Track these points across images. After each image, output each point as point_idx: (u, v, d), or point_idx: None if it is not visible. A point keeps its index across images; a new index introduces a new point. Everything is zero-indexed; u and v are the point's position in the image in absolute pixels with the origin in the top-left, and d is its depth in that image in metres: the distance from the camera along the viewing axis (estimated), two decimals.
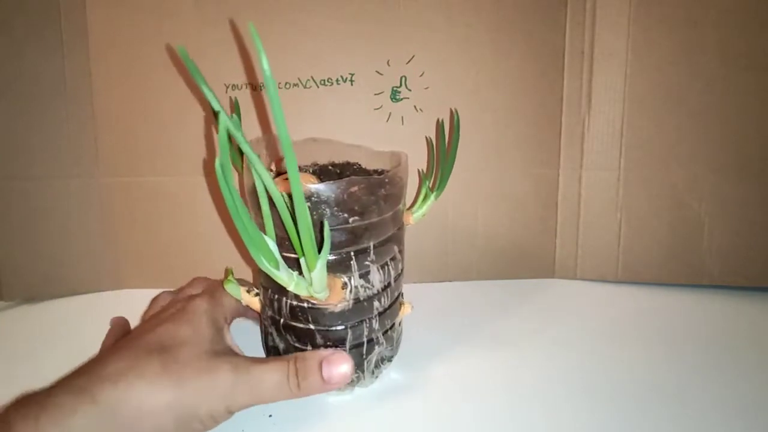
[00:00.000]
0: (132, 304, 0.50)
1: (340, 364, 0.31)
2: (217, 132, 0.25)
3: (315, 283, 0.30)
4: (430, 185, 0.41)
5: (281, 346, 0.36)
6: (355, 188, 0.32)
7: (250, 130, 0.47)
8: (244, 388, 0.30)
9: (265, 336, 0.37)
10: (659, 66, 0.47)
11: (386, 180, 0.34)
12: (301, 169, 0.40)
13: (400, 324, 0.39)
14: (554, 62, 0.49)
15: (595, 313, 0.47)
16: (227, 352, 0.32)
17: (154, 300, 0.40)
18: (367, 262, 0.33)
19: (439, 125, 0.42)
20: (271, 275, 0.30)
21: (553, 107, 0.50)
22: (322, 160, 0.41)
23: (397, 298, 0.37)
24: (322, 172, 0.40)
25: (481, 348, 0.41)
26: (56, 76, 0.47)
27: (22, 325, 0.47)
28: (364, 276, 0.34)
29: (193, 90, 0.47)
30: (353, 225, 0.32)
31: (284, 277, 0.30)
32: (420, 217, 0.41)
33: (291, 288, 0.31)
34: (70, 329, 0.45)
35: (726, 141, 0.48)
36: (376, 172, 0.39)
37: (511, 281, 0.52)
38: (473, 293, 0.51)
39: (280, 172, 0.39)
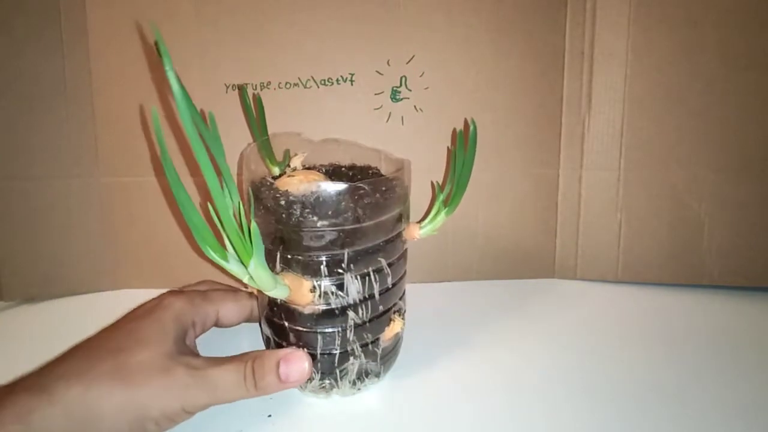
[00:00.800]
0: (132, 304, 0.50)
1: (298, 363, 0.32)
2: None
3: (256, 281, 0.30)
4: (444, 199, 0.38)
5: (268, 334, 0.36)
6: (325, 192, 0.31)
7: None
8: (199, 388, 0.30)
9: (260, 324, 0.38)
10: (659, 66, 0.47)
11: (365, 188, 0.32)
12: (313, 167, 0.40)
13: (395, 340, 0.37)
14: (554, 62, 0.49)
15: (595, 313, 0.47)
16: (186, 354, 0.32)
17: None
18: (339, 270, 0.32)
19: (457, 136, 0.39)
20: (224, 267, 0.29)
21: (553, 107, 0.50)
22: (345, 162, 0.41)
23: (385, 313, 0.35)
24: (334, 173, 0.39)
25: (480, 348, 0.41)
26: (56, 76, 0.47)
27: (22, 325, 0.47)
28: (337, 283, 0.32)
29: (192, 90, 0.47)
30: (321, 229, 0.31)
31: (236, 269, 0.29)
32: (429, 232, 0.38)
33: (245, 281, 0.30)
34: (70, 329, 0.45)
35: (726, 141, 0.48)
36: None
37: (511, 281, 0.52)
38: (473, 293, 0.51)
39: (308, 168, 0.39)
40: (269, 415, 0.34)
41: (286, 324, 0.34)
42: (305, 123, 0.48)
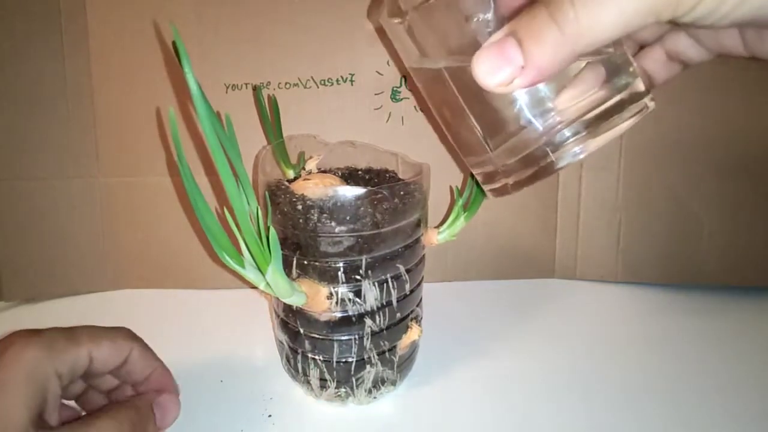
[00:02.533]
0: (132, 304, 0.50)
1: (172, 409, 0.29)
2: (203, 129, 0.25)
3: (273, 288, 0.29)
4: (464, 204, 0.38)
5: (282, 340, 0.36)
6: (343, 197, 0.30)
7: (253, 130, 0.47)
8: None
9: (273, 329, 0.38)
10: None
11: (383, 193, 0.32)
12: (329, 170, 0.40)
13: (411, 347, 0.36)
14: None
15: (595, 313, 0.47)
16: (45, 427, 0.25)
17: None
18: (357, 276, 0.32)
19: None
20: (240, 273, 0.29)
21: None
22: (362, 165, 0.41)
23: (402, 320, 0.35)
24: (351, 176, 0.39)
25: (480, 348, 0.41)
26: (57, 77, 0.47)
27: (22, 325, 0.46)
28: (354, 290, 0.32)
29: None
30: (339, 235, 0.31)
31: (252, 276, 0.29)
32: (447, 238, 0.38)
33: (261, 287, 0.30)
34: None
35: (725, 141, 0.48)
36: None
37: (511, 281, 0.52)
38: (473, 293, 0.51)
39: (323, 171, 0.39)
40: (269, 415, 0.34)
41: (302, 331, 0.33)
42: (305, 123, 0.48)
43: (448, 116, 0.29)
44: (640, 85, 0.24)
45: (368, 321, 0.33)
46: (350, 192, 0.31)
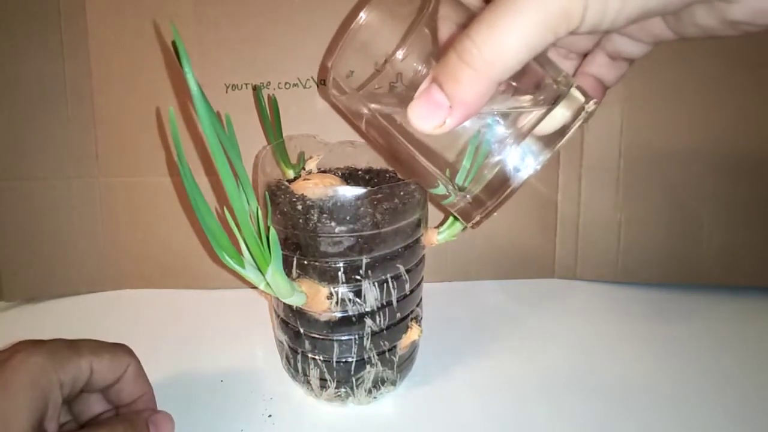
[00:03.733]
0: (132, 304, 0.50)
1: (166, 427, 0.29)
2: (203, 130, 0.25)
3: (273, 288, 0.30)
4: None
5: (283, 340, 0.36)
6: (343, 197, 0.30)
7: (253, 130, 0.47)
8: None
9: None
10: (659, 65, 0.47)
11: (383, 193, 0.31)
12: (328, 170, 0.40)
13: (411, 347, 0.36)
14: None
15: (594, 313, 0.47)
16: None
17: None
18: (357, 276, 0.32)
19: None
20: (240, 273, 0.29)
21: None
22: (362, 165, 0.41)
23: (402, 320, 0.35)
24: (350, 176, 0.39)
25: (479, 348, 0.41)
26: (57, 77, 0.47)
27: (22, 325, 0.47)
28: (355, 290, 0.32)
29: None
30: (338, 235, 0.31)
31: (252, 276, 0.29)
32: (447, 238, 0.38)
33: (261, 287, 0.30)
34: (70, 329, 0.45)
35: (725, 140, 0.48)
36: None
37: (510, 281, 0.52)
38: (472, 293, 0.51)
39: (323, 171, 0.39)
40: (269, 415, 0.34)
41: (302, 331, 0.33)
42: (305, 123, 0.48)
43: (409, 166, 0.30)
44: (576, 93, 0.26)
45: (368, 321, 0.33)
46: (350, 192, 0.31)
